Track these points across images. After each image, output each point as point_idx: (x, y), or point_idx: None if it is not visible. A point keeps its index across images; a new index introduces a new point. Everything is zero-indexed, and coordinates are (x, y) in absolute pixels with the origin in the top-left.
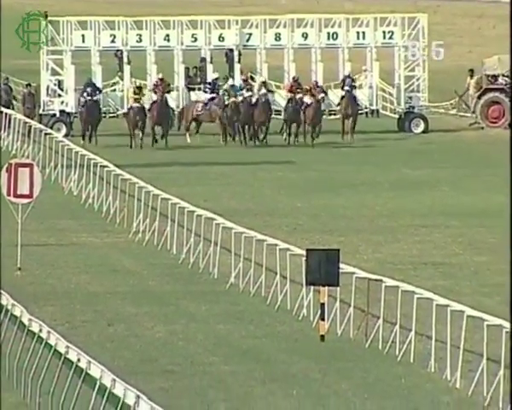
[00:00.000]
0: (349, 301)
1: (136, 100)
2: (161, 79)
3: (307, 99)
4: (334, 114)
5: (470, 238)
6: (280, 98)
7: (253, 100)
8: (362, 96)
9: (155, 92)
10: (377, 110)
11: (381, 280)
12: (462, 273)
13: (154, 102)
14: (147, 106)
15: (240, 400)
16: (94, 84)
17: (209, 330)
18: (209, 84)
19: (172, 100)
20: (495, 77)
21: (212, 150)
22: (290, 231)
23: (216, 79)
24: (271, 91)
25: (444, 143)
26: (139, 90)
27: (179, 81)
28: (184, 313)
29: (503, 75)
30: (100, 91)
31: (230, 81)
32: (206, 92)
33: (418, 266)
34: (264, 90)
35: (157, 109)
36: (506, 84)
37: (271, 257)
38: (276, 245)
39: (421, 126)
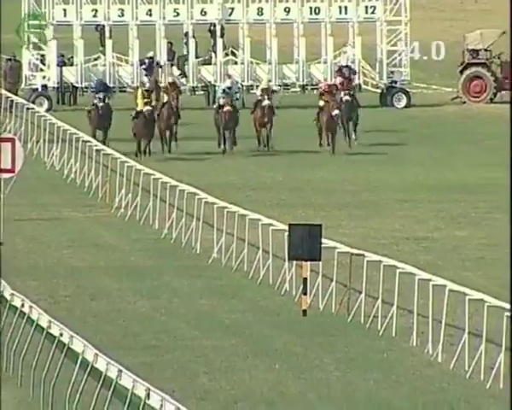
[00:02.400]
0: (331, 275)
1: (146, 103)
2: (172, 83)
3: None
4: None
5: (452, 213)
6: (262, 73)
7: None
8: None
9: (167, 93)
10: (359, 85)
11: (363, 255)
12: (444, 248)
13: (165, 103)
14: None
15: (222, 374)
16: (106, 85)
17: (191, 304)
18: (143, 63)
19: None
20: (477, 52)
21: (194, 125)
22: (273, 206)
23: (151, 57)
24: (274, 91)
25: (426, 117)
26: (148, 93)
27: (161, 56)
28: (167, 287)
29: (485, 50)
30: (112, 92)
31: (227, 82)
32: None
33: (400, 240)
34: (267, 102)
35: (167, 113)
36: (488, 59)
37: (254, 232)
38: (259, 220)
39: (404, 101)
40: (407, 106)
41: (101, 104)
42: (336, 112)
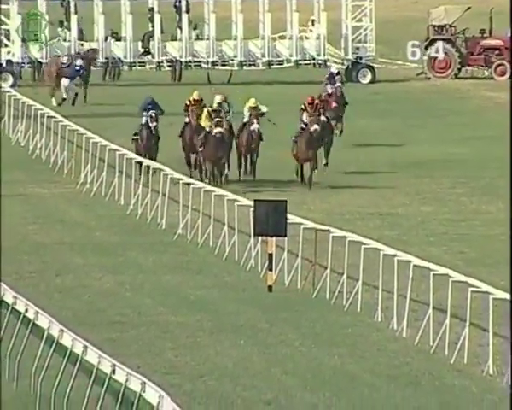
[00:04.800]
0: (296, 251)
1: (218, 124)
2: (197, 100)
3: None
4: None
5: (417, 188)
6: (228, 49)
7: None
8: (309, 46)
9: (187, 112)
10: (325, 60)
11: (328, 230)
12: (408, 223)
13: (187, 123)
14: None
15: (187, 349)
16: (156, 104)
17: (157, 280)
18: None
19: (120, 51)
20: (441, 27)
21: (160, 101)
22: (238, 182)
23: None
24: (263, 114)
25: (391, 93)
26: (216, 113)
27: (127, 31)
28: (132, 263)
29: (450, 25)
30: (162, 112)
31: (218, 98)
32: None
33: (365, 216)
34: (255, 126)
35: (190, 134)
36: (452, 35)
37: (219, 208)
38: (225, 196)
39: (369, 77)
40: (372, 81)
41: (151, 126)
42: (316, 127)
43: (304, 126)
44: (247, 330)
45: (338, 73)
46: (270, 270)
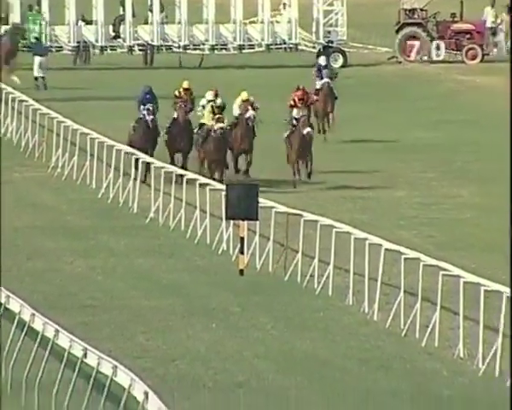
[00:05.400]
0: (268, 235)
1: (219, 120)
2: (187, 90)
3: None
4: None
5: (389, 172)
6: (199, 33)
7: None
8: (281, 30)
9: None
10: (296, 44)
11: (300, 215)
12: (380, 207)
13: (175, 119)
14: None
15: (159, 333)
16: (153, 94)
17: (129, 264)
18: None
19: (91, 34)
20: (412, 11)
21: (132, 85)
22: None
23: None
24: (257, 108)
25: (363, 77)
26: (219, 109)
27: (98, 15)
28: (104, 247)
29: (421, 9)
30: (157, 107)
31: (209, 95)
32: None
33: (337, 200)
34: (250, 112)
35: (177, 131)
36: (424, 19)
37: (191, 192)
38: (196, 180)
39: (340, 61)
40: (344, 65)
41: (148, 119)
42: (308, 130)
43: (295, 123)
44: (218, 313)
45: (326, 66)
46: (242, 253)
